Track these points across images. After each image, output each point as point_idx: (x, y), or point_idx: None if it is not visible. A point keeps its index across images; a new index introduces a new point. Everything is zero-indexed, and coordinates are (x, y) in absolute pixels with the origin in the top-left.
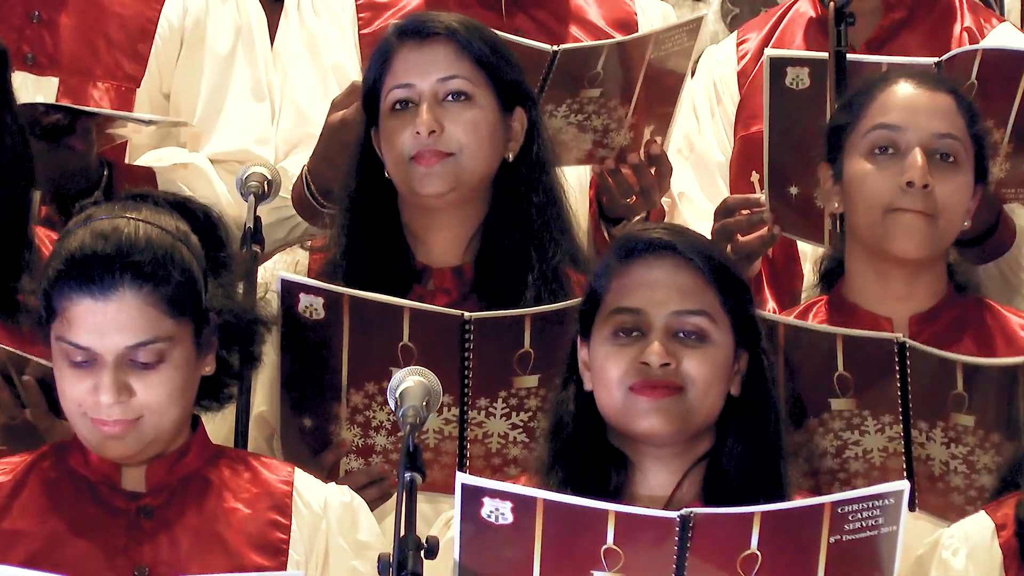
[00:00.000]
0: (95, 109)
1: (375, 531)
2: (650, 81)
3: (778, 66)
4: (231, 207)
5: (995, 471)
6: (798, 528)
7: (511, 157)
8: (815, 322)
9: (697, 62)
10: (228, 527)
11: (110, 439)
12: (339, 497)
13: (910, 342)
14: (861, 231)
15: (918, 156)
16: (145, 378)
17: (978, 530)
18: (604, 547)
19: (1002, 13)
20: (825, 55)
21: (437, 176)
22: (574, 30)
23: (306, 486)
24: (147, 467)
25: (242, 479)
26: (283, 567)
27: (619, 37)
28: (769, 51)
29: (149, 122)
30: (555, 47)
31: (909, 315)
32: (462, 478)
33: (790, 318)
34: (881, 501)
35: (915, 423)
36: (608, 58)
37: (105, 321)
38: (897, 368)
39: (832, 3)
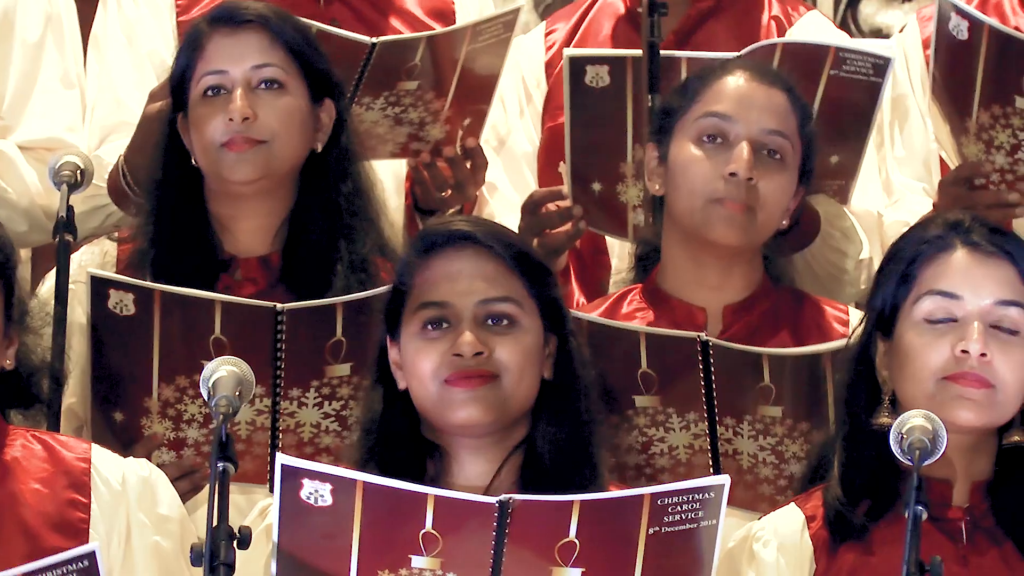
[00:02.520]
0: None
1: (176, 504)
2: (466, 74)
3: (577, 65)
4: (41, 196)
5: (804, 459)
6: (617, 518)
7: (319, 147)
8: (628, 310)
9: None
10: (27, 508)
11: None
12: (138, 472)
13: (712, 339)
14: (681, 216)
15: (744, 149)
16: None
17: (788, 522)
18: (423, 531)
19: (813, 2)
20: (624, 52)
21: (248, 163)
22: (391, 19)
23: (104, 462)
24: None
25: (38, 459)
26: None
27: (437, 29)
28: (568, 51)
29: None
30: (373, 39)
31: (723, 305)
32: (282, 459)
33: (593, 315)
34: (701, 494)
35: (721, 419)
36: (426, 50)
37: None
38: (700, 366)
39: None
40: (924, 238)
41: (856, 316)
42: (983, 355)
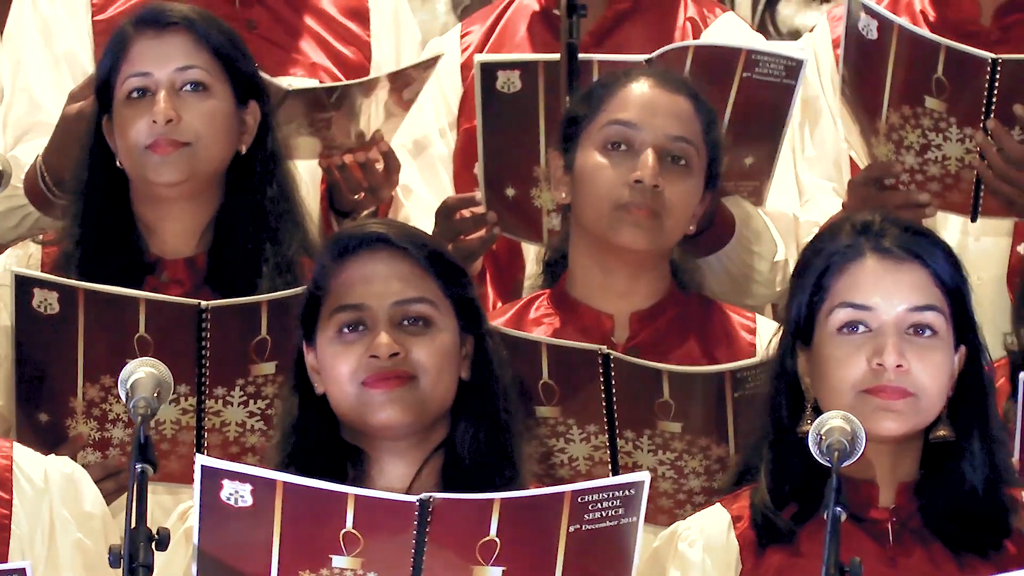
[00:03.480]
0: None
1: (98, 501)
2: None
3: (488, 71)
4: None
5: (704, 474)
6: (538, 516)
7: (244, 149)
8: (536, 316)
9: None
10: None
11: None
12: (60, 468)
13: (614, 353)
14: (587, 223)
15: (650, 156)
16: None
17: (714, 522)
18: (344, 531)
19: (731, 4)
20: (535, 56)
21: (172, 165)
22: (308, 20)
23: (26, 459)
24: None
25: None
26: (5, 544)
27: (354, 81)
28: (478, 57)
29: None
30: (287, 89)
31: (630, 312)
32: (201, 459)
33: (497, 324)
34: (622, 492)
35: (621, 432)
36: (341, 95)
37: None
38: (602, 379)
39: None
40: (834, 248)
41: (763, 324)
42: (899, 366)
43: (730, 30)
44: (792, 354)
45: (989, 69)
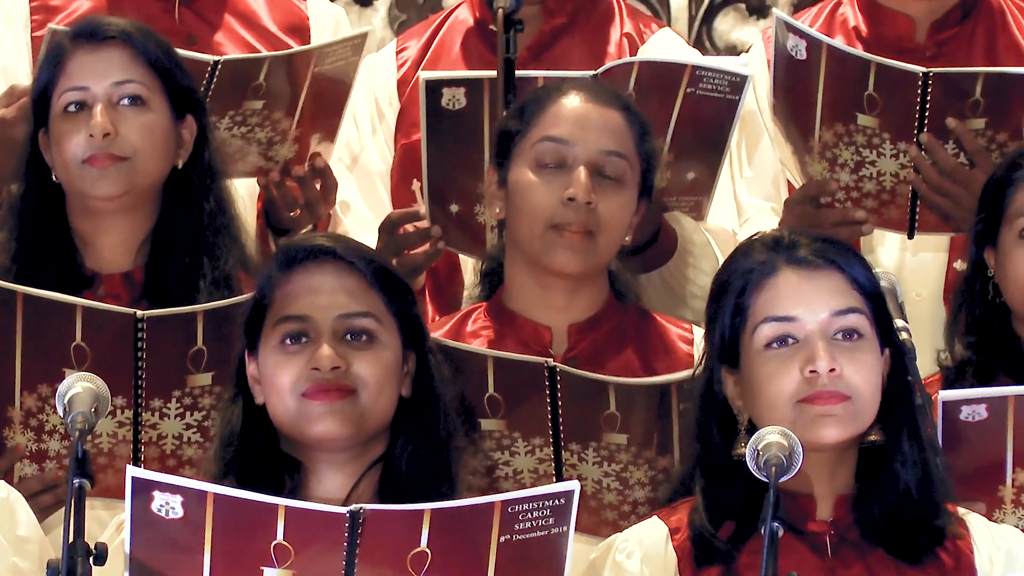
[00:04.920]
0: None
1: (34, 524)
2: (315, 94)
3: (433, 88)
4: None
5: (648, 485)
6: (468, 526)
7: (181, 164)
8: (474, 328)
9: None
10: None
11: None
12: None
13: (560, 366)
14: (522, 241)
15: (582, 173)
16: None
17: (652, 534)
18: (274, 543)
19: (669, 20)
20: (480, 73)
21: (110, 179)
22: (248, 35)
23: None
24: None
25: None
26: None
27: (281, 51)
28: (424, 74)
29: None
30: (216, 58)
31: (568, 324)
32: (132, 471)
33: (441, 336)
34: (551, 501)
35: (567, 445)
36: (270, 70)
37: None
38: (547, 391)
39: (500, 11)
40: (749, 266)
41: (699, 334)
42: (832, 370)
43: (667, 45)
44: (719, 378)
45: (920, 83)
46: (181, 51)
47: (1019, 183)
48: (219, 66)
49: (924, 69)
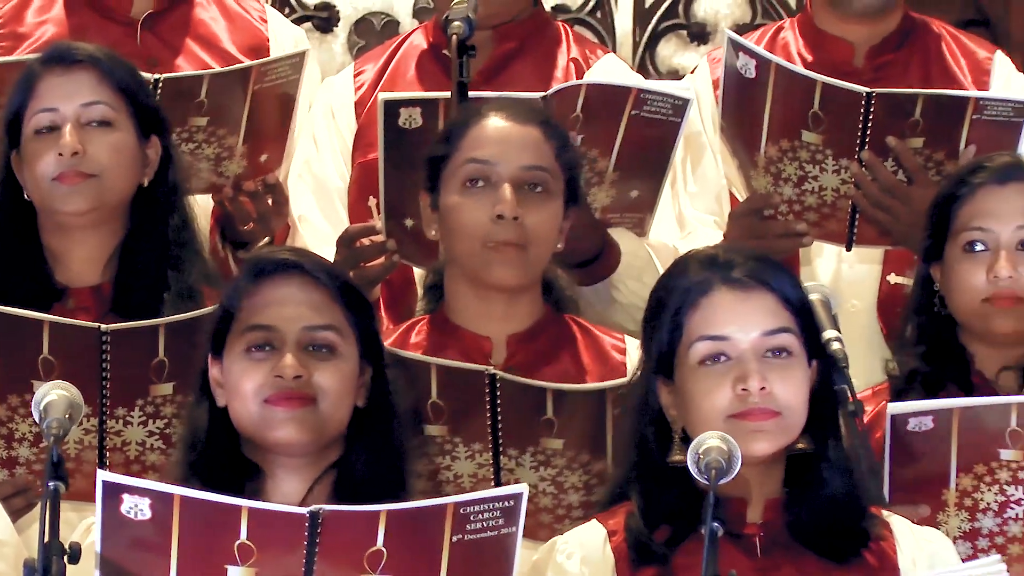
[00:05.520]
0: None
1: (9, 528)
2: (256, 111)
3: (391, 107)
4: None
5: (583, 489)
6: (422, 527)
7: (147, 182)
8: (418, 339)
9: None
10: None
11: None
12: None
13: (500, 373)
14: (458, 259)
15: (507, 190)
16: None
17: (591, 536)
18: (238, 542)
19: (614, 46)
20: (436, 94)
21: (79, 195)
22: (208, 57)
23: None
24: None
25: None
26: None
27: (220, 68)
28: (383, 94)
29: None
30: (156, 76)
31: (507, 334)
32: (103, 475)
33: (388, 346)
34: (501, 503)
35: (505, 450)
36: (211, 87)
37: None
38: (488, 399)
39: (455, 37)
40: (685, 284)
41: (632, 344)
42: (763, 388)
43: (611, 70)
44: (655, 389)
45: (863, 103)
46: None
47: (964, 199)
48: (160, 83)
49: (867, 89)
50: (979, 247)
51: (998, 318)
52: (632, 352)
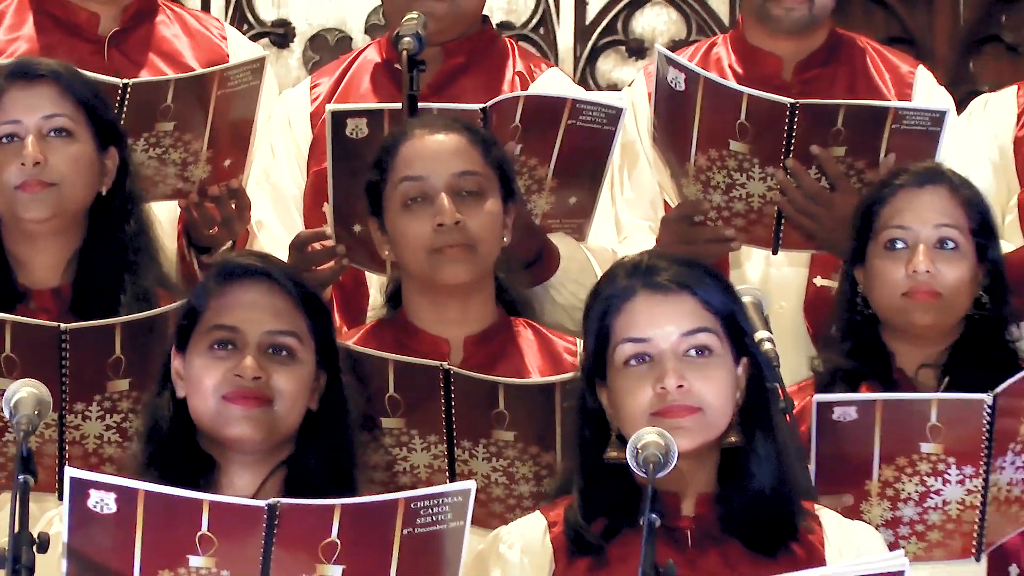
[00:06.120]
0: None
1: None
2: (220, 117)
3: (339, 118)
4: None
5: (533, 480)
6: (375, 520)
7: (105, 191)
8: (380, 342)
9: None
10: None
11: None
12: None
13: (454, 368)
14: (411, 270)
15: (444, 200)
16: None
17: (532, 527)
18: (199, 534)
19: (556, 60)
20: (381, 105)
21: (40, 203)
22: (172, 72)
23: None
24: None
25: None
26: None
27: (185, 74)
28: (330, 106)
29: None
30: (124, 81)
31: (464, 336)
32: (70, 472)
33: (349, 343)
34: (450, 498)
35: (459, 441)
36: (176, 92)
37: None
38: (442, 393)
39: (405, 52)
40: (611, 291)
41: (582, 346)
42: (680, 386)
43: (554, 82)
44: (592, 389)
45: (788, 113)
46: (91, 73)
47: (885, 201)
48: (128, 88)
49: (792, 100)
50: (899, 244)
51: (917, 312)
52: (582, 353)
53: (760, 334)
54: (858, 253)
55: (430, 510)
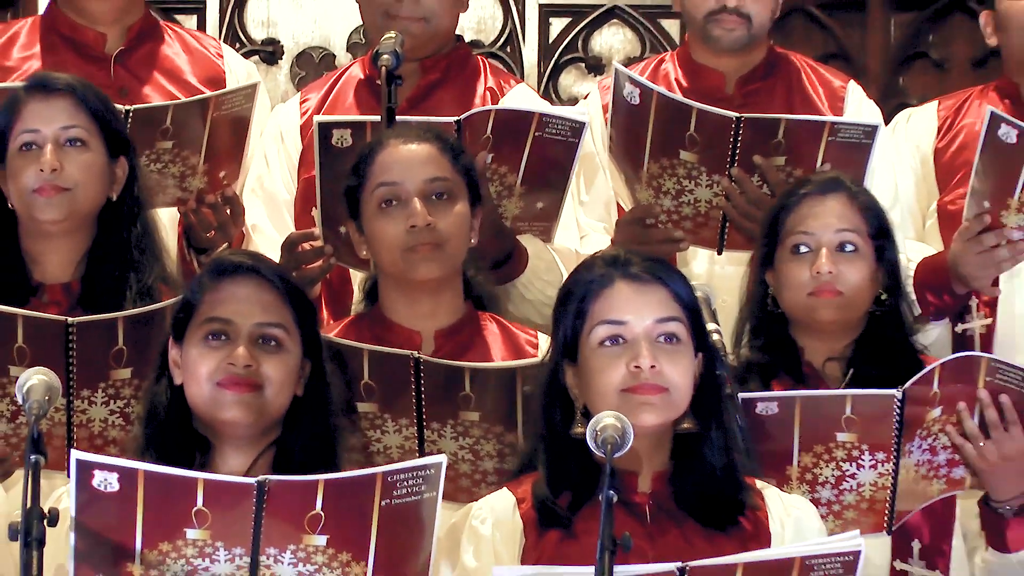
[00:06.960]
0: None
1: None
2: (215, 134)
3: (325, 130)
4: None
5: (496, 457)
6: (355, 493)
7: (115, 196)
8: (358, 334)
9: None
10: None
11: None
12: None
13: (424, 357)
14: (386, 268)
15: (416, 204)
16: None
17: (502, 503)
18: (195, 509)
19: (522, 76)
20: (364, 118)
21: (55, 206)
22: (172, 87)
23: None
24: None
25: None
26: None
27: (183, 99)
28: (317, 117)
29: None
30: (127, 107)
31: (435, 329)
32: (77, 454)
33: (330, 335)
34: (424, 471)
35: (428, 424)
36: (175, 115)
37: None
38: (412, 380)
39: (384, 67)
40: (590, 278)
41: (543, 339)
42: (653, 367)
43: (522, 97)
44: (562, 370)
45: (733, 126)
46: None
47: (790, 208)
48: (131, 113)
49: (737, 114)
50: (803, 249)
51: (822, 309)
52: (543, 346)
53: (710, 326)
54: (767, 257)
55: (406, 483)
